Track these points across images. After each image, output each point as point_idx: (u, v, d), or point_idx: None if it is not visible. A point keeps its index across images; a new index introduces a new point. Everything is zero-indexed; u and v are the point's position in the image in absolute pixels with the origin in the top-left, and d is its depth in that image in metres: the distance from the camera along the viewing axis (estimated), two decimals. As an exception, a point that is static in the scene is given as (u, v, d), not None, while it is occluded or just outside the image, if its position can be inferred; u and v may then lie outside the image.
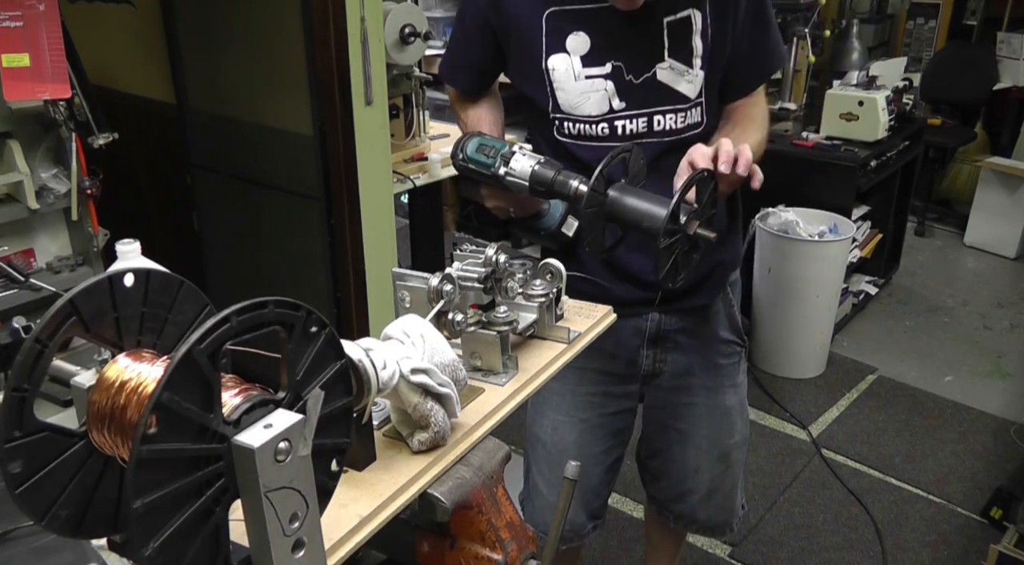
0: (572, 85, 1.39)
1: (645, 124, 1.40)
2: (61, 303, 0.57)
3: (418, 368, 0.77)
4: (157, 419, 0.50)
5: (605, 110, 1.39)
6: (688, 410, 1.64)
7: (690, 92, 1.39)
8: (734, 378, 1.64)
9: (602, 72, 1.37)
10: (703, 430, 1.65)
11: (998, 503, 2.58)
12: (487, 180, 1.28)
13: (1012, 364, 3.61)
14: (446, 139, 3.08)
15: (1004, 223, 4.58)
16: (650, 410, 1.69)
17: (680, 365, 1.59)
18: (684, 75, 1.38)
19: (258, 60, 2.57)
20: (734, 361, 1.63)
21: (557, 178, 1.20)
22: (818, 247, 3.32)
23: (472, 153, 1.28)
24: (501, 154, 1.24)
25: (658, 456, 1.73)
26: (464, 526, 0.81)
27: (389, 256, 2.54)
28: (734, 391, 1.64)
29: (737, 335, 1.63)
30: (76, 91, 1.86)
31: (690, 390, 1.62)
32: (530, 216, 1.40)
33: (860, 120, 3.53)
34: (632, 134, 1.40)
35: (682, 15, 1.35)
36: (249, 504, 0.54)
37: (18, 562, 1.01)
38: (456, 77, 1.58)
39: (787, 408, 3.25)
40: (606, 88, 1.38)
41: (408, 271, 0.94)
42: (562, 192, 1.20)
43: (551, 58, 1.39)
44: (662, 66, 1.37)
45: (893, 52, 5.62)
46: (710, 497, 1.71)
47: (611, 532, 2.60)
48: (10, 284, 1.88)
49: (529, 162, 1.22)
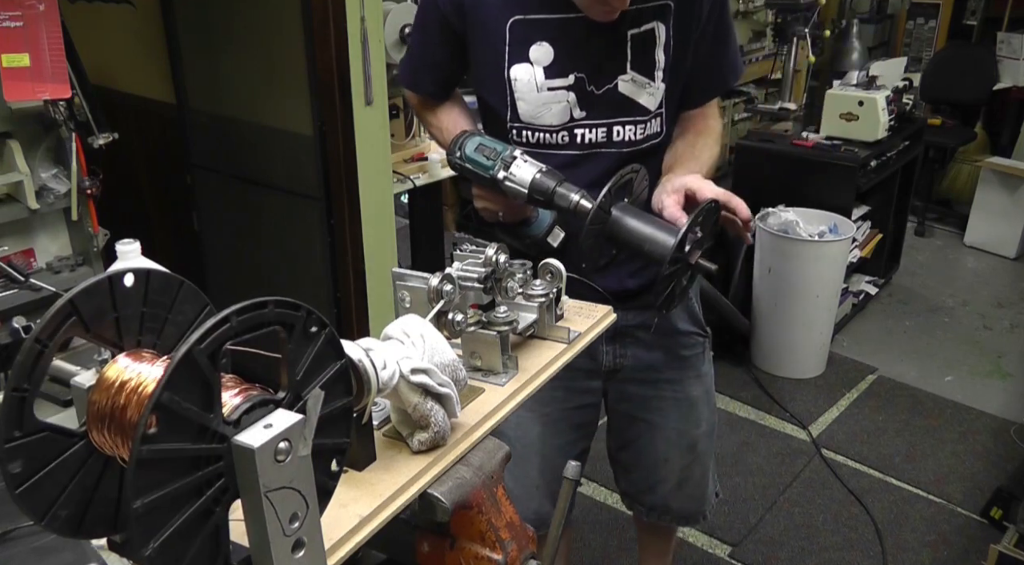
0: (534, 96, 1.38)
1: (604, 134, 1.40)
2: (61, 303, 0.57)
3: (418, 368, 0.77)
4: (157, 419, 0.50)
5: (566, 119, 1.39)
6: (655, 402, 1.65)
7: (650, 104, 1.40)
8: (698, 368, 1.65)
9: (564, 83, 1.37)
10: (671, 421, 1.66)
11: (998, 503, 2.58)
12: (483, 182, 1.27)
13: (1012, 364, 3.61)
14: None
15: (1004, 223, 4.58)
16: (617, 403, 1.70)
17: (642, 360, 1.60)
18: (645, 87, 1.39)
19: (258, 60, 2.57)
20: (697, 352, 1.64)
21: (558, 189, 1.20)
22: (818, 247, 3.32)
23: (471, 153, 1.27)
24: (502, 158, 1.24)
25: (628, 448, 1.75)
26: (464, 526, 0.81)
27: (389, 256, 2.54)
28: (698, 381, 1.65)
29: (698, 326, 1.64)
30: (76, 91, 1.86)
31: (655, 383, 1.63)
32: (518, 222, 1.39)
33: (860, 120, 3.53)
34: (591, 143, 1.41)
35: (646, 28, 1.36)
36: (249, 504, 0.54)
37: (18, 562, 1.01)
38: (418, 81, 1.55)
39: (787, 408, 3.25)
40: (568, 99, 1.38)
41: (408, 271, 0.94)
42: (561, 204, 1.20)
43: (513, 68, 1.38)
44: (624, 78, 1.37)
45: (893, 52, 5.63)
46: (681, 486, 1.73)
47: (611, 532, 2.60)
48: (10, 284, 1.88)
49: (531, 170, 1.22)
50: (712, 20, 1.40)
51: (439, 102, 1.57)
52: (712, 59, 1.44)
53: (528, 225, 1.38)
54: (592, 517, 2.66)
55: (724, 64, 1.48)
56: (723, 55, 1.47)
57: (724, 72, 1.50)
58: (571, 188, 1.20)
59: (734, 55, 1.49)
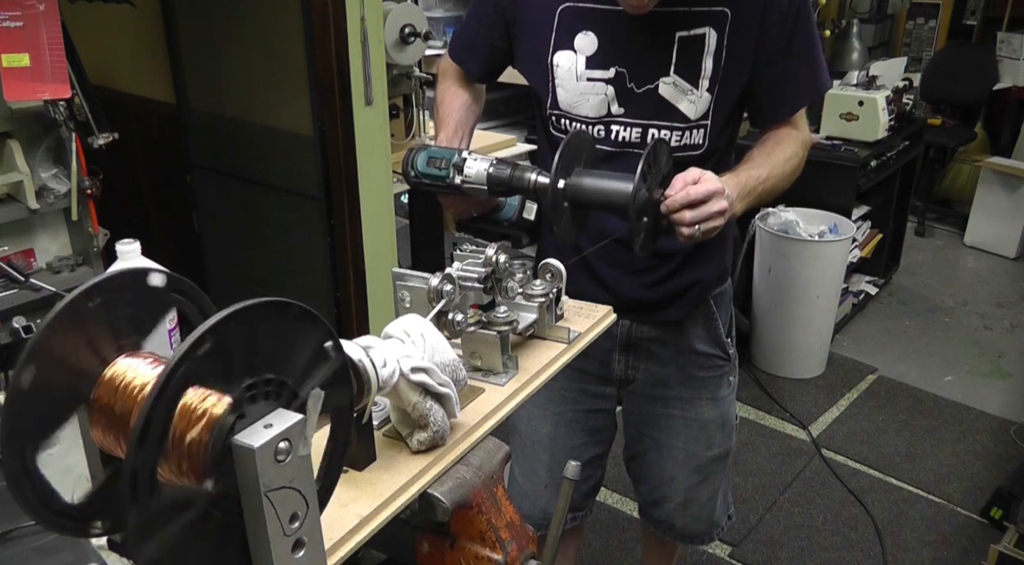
0: (572, 84, 1.38)
1: (639, 134, 1.38)
2: (74, 295, 0.56)
3: (418, 367, 0.77)
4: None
5: (603, 113, 1.38)
6: (664, 420, 1.62)
7: (691, 112, 1.36)
8: (714, 391, 1.60)
9: (604, 76, 1.36)
10: (679, 441, 1.63)
11: (998, 503, 2.58)
12: (445, 191, 1.27)
13: (1012, 364, 3.61)
14: (446, 139, 3.07)
15: (1004, 223, 4.58)
16: (628, 415, 1.68)
17: (655, 374, 1.58)
18: (687, 94, 1.35)
19: (258, 60, 2.57)
20: (714, 375, 1.59)
21: (514, 175, 1.20)
22: (818, 247, 3.32)
23: (423, 168, 1.27)
24: (453, 164, 1.24)
25: (636, 461, 1.73)
26: (464, 526, 0.81)
27: (389, 256, 2.54)
28: (713, 404, 1.60)
29: (720, 349, 1.58)
30: (76, 91, 1.86)
31: (666, 400, 1.60)
32: (490, 211, 1.40)
33: (860, 120, 3.53)
34: (625, 142, 1.39)
35: (696, 32, 1.32)
36: (249, 504, 0.54)
37: (18, 562, 1.01)
38: (465, 58, 1.54)
39: (787, 408, 3.25)
40: (606, 92, 1.37)
41: (408, 271, 0.94)
42: (521, 187, 1.20)
43: (557, 54, 1.38)
44: (665, 80, 1.34)
45: (893, 52, 5.63)
46: (686, 506, 1.70)
47: (611, 532, 2.60)
48: (10, 284, 1.87)
49: (482, 166, 1.22)
50: (785, 34, 1.34)
51: (469, 85, 1.56)
52: (783, 74, 1.38)
53: (499, 210, 1.39)
54: (592, 517, 2.65)
55: (799, 79, 1.40)
56: (798, 70, 1.38)
57: (800, 88, 1.41)
58: (524, 168, 1.20)
59: (815, 68, 1.41)
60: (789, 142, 1.42)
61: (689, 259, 1.47)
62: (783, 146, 1.41)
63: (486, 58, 1.52)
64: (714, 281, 1.55)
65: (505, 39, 1.47)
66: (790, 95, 1.41)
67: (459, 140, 1.50)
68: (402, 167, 1.32)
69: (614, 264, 1.47)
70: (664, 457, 1.66)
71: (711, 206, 1.16)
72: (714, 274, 1.54)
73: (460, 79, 1.57)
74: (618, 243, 1.38)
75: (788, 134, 1.43)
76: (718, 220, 1.18)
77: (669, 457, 1.65)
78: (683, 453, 1.64)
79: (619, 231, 1.34)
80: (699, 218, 1.16)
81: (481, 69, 1.54)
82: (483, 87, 1.61)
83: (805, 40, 1.37)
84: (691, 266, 1.48)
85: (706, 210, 1.16)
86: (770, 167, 1.36)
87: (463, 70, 1.56)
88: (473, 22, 1.53)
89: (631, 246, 1.17)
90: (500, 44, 1.48)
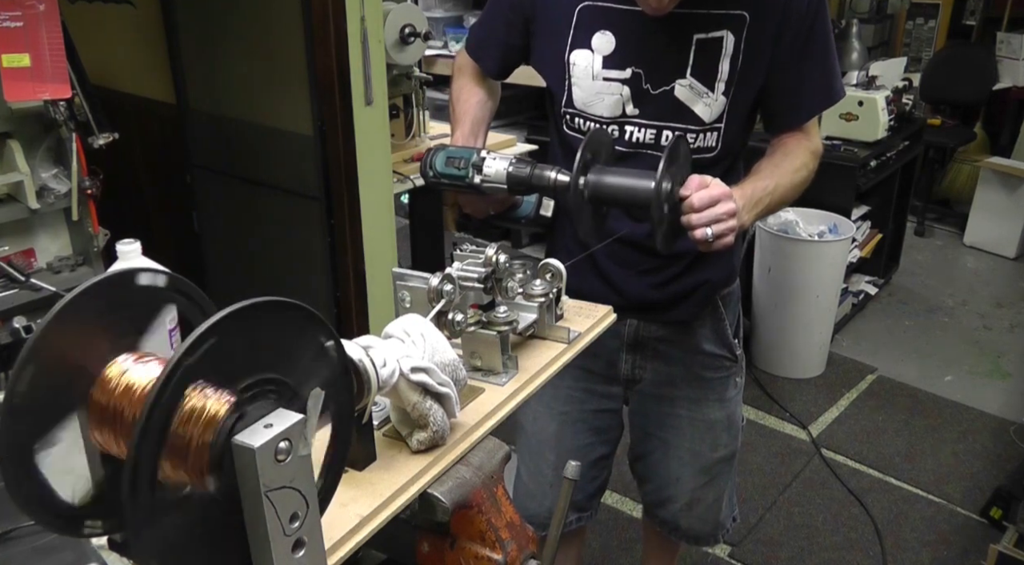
0: (588, 83, 1.38)
1: (653, 136, 1.38)
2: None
3: (418, 367, 0.77)
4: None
5: (618, 113, 1.38)
6: (670, 420, 1.62)
7: (706, 115, 1.35)
8: (721, 392, 1.60)
9: (621, 76, 1.36)
10: (685, 441, 1.63)
11: (998, 503, 2.58)
12: (464, 190, 1.28)
13: (1012, 364, 3.61)
14: (446, 139, 3.07)
15: (1004, 223, 4.58)
16: (634, 415, 1.68)
17: (661, 374, 1.58)
18: (702, 97, 1.34)
19: (258, 60, 2.57)
20: (722, 376, 1.60)
21: (534, 173, 1.20)
22: (818, 247, 3.32)
23: (442, 168, 1.27)
24: (472, 164, 1.24)
25: (641, 461, 1.73)
26: (464, 526, 0.81)
27: (389, 256, 2.54)
28: (720, 405, 1.61)
29: (727, 349, 1.59)
30: (76, 91, 1.86)
31: (672, 400, 1.60)
32: (507, 209, 1.40)
33: (860, 120, 3.53)
34: (638, 142, 1.38)
35: (714, 35, 1.32)
36: (249, 504, 0.54)
37: (18, 562, 1.01)
38: (482, 54, 1.54)
39: (787, 408, 3.25)
40: (622, 93, 1.36)
41: (408, 271, 0.94)
42: (541, 185, 1.20)
43: (574, 53, 1.38)
44: (682, 82, 1.34)
45: (893, 52, 5.62)
46: (691, 507, 1.70)
47: (611, 532, 2.60)
48: (10, 284, 1.87)
49: (502, 165, 1.22)
50: (801, 38, 1.33)
51: (484, 81, 1.56)
52: (797, 80, 1.37)
53: (517, 208, 1.40)
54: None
55: (814, 85, 1.39)
56: (813, 76, 1.38)
57: (814, 94, 1.40)
58: (545, 167, 1.20)
59: (829, 77, 1.40)
60: (799, 152, 1.41)
61: (697, 259, 1.47)
62: (791, 157, 1.41)
63: (502, 55, 1.52)
64: (722, 281, 1.55)
65: (523, 36, 1.47)
66: (804, 100, 1.41)
67: (476, 139, 1.50)
68: (420, 168, 1.32)
69: (622, 264, 1.47)
70: (670, 457, 1.66)
71: (720, 207, 1.18)
72: (722, 274, 1.54)
73: (476, 75, 1.57)
74: (626, 243, 1.38)
75: (798, 144, 1.42)
76: (729, 222, 1.19)
77: (675, 457, 1.66)
78: (689, 454, 1.64)
79: (627, 230, 1.35)
80: (710, 218, 1.17)
81: (497, 65, 1.54)
82: (498, 84, 1.61)
83: (821, 47, 1.37)
84: (699, 266, 1.49)
85: (716, 211, 1.18)
86: (778, 178, 1.36)
87: (479, 66, 1.56)
88: (490, 18, 1.53)
89: (640, 245, 1.18)
90: (517, 42, 1.48)
